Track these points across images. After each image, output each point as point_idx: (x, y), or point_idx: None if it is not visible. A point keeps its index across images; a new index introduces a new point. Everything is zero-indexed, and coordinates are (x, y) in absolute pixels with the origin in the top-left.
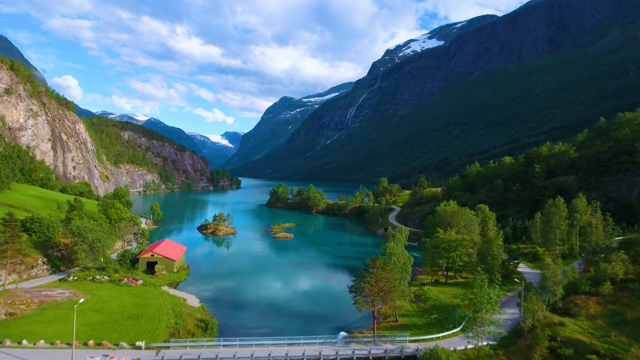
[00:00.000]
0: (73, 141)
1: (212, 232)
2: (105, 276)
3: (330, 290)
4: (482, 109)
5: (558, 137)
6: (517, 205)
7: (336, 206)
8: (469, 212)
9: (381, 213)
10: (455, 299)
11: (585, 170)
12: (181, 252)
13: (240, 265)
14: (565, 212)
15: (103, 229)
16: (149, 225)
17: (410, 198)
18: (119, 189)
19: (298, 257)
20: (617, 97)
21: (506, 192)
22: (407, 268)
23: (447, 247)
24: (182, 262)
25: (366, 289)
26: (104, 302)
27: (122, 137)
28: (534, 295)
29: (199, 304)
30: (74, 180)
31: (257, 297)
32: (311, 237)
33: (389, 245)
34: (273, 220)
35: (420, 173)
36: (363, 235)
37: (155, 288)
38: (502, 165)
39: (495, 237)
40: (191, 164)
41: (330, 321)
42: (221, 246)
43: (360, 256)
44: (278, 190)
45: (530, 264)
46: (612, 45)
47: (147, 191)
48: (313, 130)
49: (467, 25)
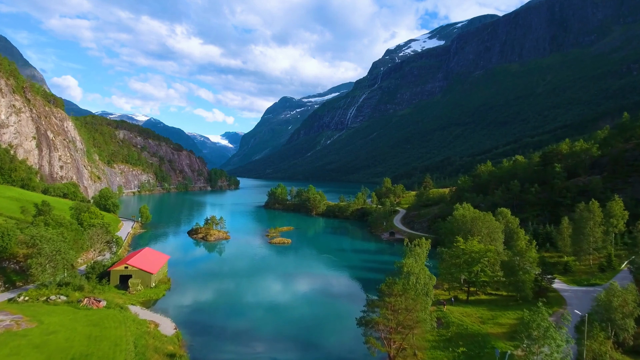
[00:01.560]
0: (60, 139)
1: (203, 237)
2: (62, 296)
3: (333, 312)
4: (484, 109)
5: (562, 137)
6: (536, 208)
7: (337, 208)
8: (492, 217)
9: (385, 216)
10: (484, 324)
11: (610, 170)
12: (162, 262)
13: (229, 278)
14: (601, 217)
15: (64, 238)
16: (136, 229)
17: (416, 200)
18: (104, 190)
19: (295, 266)
20: (621, 96)
21: (523, 194)
22: (428, 291)
23: (470, 260)
24: (164, 274)
25: (381, 323)
26: (50, 334)
27: (117, 136)
28: (601, 333)
29: (174, 331)
30: (61, 181)
31: (244, 321)
32: (310, 242)
33: (406, 262)
34: (270, 223)
35: (421, 173)
36: (366, 240)
37: (121, 311)
38: (517, 164)
39: (527, 248)
40: (188, 164)
41: (332, 355)
42: (211, 254)
43: (364, 265)
44: (276, 191)
45: (563, 278)
46: (614, 44)
47: (141, 192)
48: (313, 130)
49: (468, 25)
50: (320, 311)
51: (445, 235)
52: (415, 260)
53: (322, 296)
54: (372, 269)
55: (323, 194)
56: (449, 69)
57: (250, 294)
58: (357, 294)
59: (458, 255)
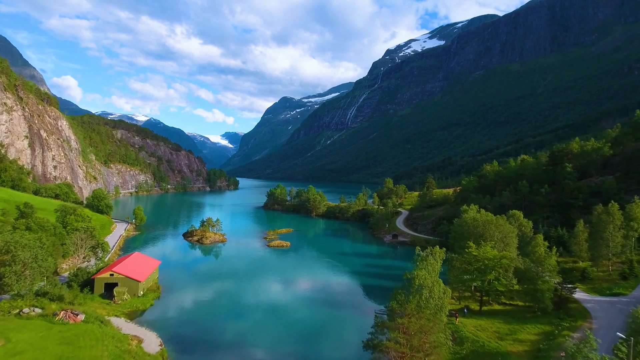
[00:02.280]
0: (54, 139)
1: (199, 240)
2: (37, 308)
3: (335, 323)
4: (484, 109)
5: (564, 137)
6: (546, 210)
7: (337, 209)
8: (505, 221)
9: (387, 217)
10: (502, 340)
11: (624, 170)
12: (151, 268)
13: (223, 285)
14: (621, 220)
15: (42, 244)
16: (129, 231)
17: (420, 201)
18: (97, 191)
19: (294, 271)
20: (623, 96)
21: (532, 195)
22: (443, 305)
23: (483, 267)
24: (154, 281)
25: (391, 348)
26: (15, 356)
27: (114, 136)
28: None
29: (159, 347)
30: (54, 181)
31: (237, 335)
32: (310, 245)
33: (418, 274)
34: (269, 225)
35: (422, 173)
36: (368, 243)
37: (100, 326)
38: (525, 164)
39: (546, 256)
40: (187, 164)
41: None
42: (206, 257)
43: (367, 271)
44: (275, 191)
45: (582, 286)
46: (615, 44)
47: (139, 192)
48: (313, 131)
49: (468, 25)
50: (321, 322)
51: (454, 239)
52: (428, 272)
53: (323, 305)
54: (375, 275)
55: (323, 194)
56: (450, 69)
57: (245, 304)
58: (360, 303)
59: (470, 262)
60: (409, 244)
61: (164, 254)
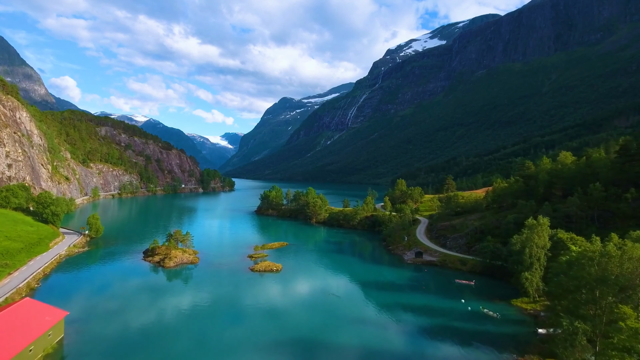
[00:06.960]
0: (9, 133)
1: (160, 261)
2: None
3: None
4: (487, 109)
5: (575, 136)
6: (631, 222)
7: (342, 215)
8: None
9: (405, 227)
10: None
11: None
12: (42, 328)
13: (169, 348)
14: None
15: None
16: (76, 246)
17: (444, 206)
18: (43, 195)
19: (283, 322)
20: (632, 95)
21: (609, 201)
22: None
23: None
24: (47, 348)
25: None
26: None
27: (98, 133)
28: None
29: None
30: (8, 182)
31: None
32: (308, 267)
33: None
34: (259, 236)
35: (426, 174)
36: (384, 264)
37: None
38: (594, 161)
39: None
40: (178, 164)
41: None
42: (158, 293)
43: (388, 317)
44: (270, 194)
45: None
46: (621, 42)
47: (122, 194)
48: (313, 131)
49: (470, 24)
50: None
51: (559, 295)
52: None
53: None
54: (402, 324)
55: (325, 198)
56: (451, 68)
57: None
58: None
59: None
60: (438, 265)
61: (115, 277)
